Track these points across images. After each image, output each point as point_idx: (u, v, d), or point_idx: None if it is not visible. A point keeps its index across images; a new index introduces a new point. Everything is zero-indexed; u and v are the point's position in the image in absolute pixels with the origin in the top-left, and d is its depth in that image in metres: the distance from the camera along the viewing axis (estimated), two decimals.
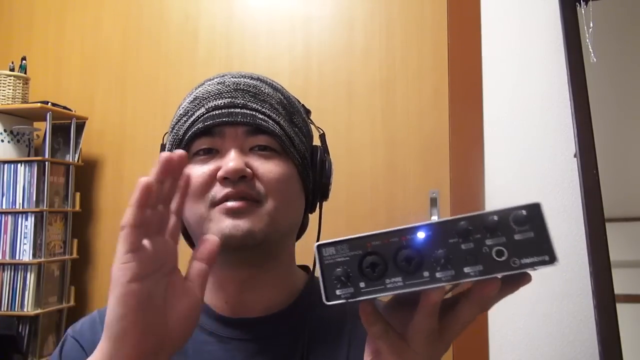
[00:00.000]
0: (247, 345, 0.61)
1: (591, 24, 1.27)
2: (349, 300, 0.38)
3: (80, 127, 1.86)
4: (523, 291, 0.39)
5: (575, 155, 1.23)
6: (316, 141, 0.72)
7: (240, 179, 0.59)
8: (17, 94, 1.80)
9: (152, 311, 0.42)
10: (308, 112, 0.72)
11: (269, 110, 0.63)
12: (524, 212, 0.36)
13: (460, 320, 0.41)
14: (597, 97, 1.24)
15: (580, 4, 1.31)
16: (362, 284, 0.38)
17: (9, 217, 1.71)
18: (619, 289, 1.11)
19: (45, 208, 1.70)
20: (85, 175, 1.93)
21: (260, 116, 0.62)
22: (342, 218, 1.68)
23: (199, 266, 0.47)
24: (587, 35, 1.27)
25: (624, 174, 1.35)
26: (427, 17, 1.71)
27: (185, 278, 0.46)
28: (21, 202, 1.71)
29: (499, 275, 0.37)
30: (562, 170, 1.43)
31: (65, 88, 2.00)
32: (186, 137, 0.63)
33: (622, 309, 1.10)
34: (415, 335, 0.41)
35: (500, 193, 1.49)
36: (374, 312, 0.41)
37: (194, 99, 0.66)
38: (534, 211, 0.36)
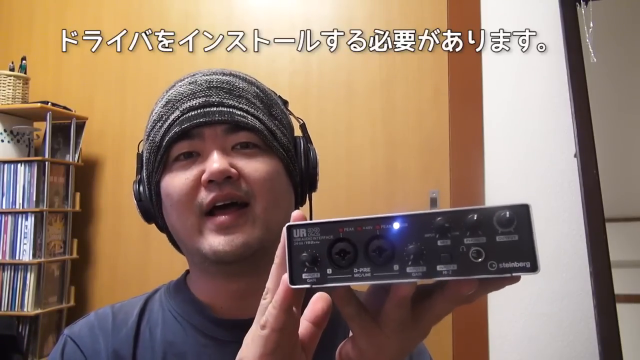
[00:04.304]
0: None
1: (591, 24, 1.27)
2: (314, 286, 0.36)
3: (80, 127, 1.86)
4: (523, 291, 0.39)
5: (575, 155, 1.23)
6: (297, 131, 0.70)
7: (225, 180, 0.57)
8: (17, 94, 1.79)
9: None
10: (285, 102, 0.70)
11: (246, 105, 0.61)
12: (509, 213, 0.33)
13: (434, 312, 0.40)
14: (597, 97, 1.24)
15: (580, 4, 1.31)
16: (329, 271, 0.36)
17: (9, 217, 1.71)
18: (619, 289, 1.11)
19: (45, 208, 1.70)
20: (85, 175, 1.93)
21: (238, 112, 0.60)
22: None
23: (311, 330, 0.42)
24: (587, 35, 1.27)
25: (624, 174, 1.35)
26: (427, 17, 1.71)
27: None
28: (21, 202, 1.71)
29: (474, 278, 0.34)
30: (562, 170, 1.43)
31: (65, 88, 2.00)
32: (164, 143, 0.60)
33: (622, 309, 1.10)
34: (387, 321, 0.40)
35: (500, 193, 1.49)
36: (348, 294, 0.40)
37: (166, 102, 0.63)
38: (522, 213, 0.33)
